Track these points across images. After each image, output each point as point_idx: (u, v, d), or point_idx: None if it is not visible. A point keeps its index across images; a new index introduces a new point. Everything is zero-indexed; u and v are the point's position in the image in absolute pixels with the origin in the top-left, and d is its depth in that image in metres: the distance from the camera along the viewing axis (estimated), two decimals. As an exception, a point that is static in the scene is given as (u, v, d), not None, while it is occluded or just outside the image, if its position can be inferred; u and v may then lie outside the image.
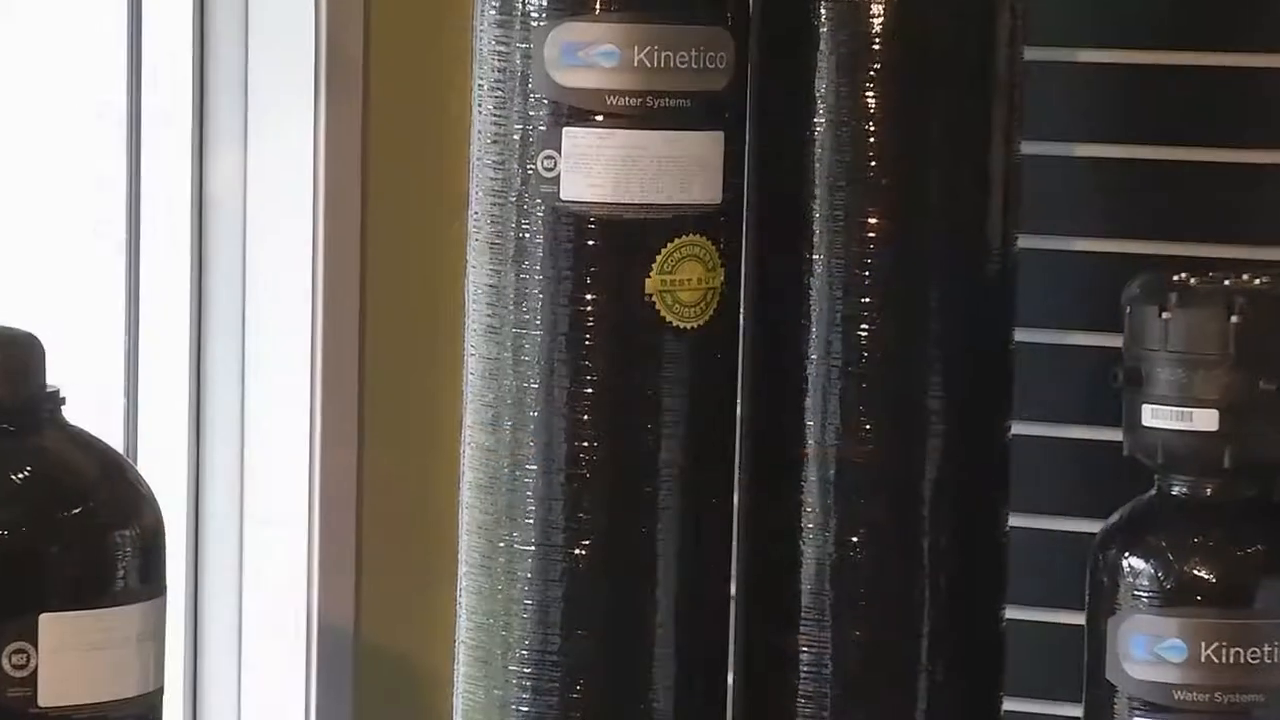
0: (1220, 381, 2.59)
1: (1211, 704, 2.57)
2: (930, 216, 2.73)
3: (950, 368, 2.74)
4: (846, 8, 2.70)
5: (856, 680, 2.73)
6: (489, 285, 2.67)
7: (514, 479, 2.66)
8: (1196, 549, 2.60)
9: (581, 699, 2.65)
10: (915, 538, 2.73)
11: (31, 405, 2.24)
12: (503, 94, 2.65)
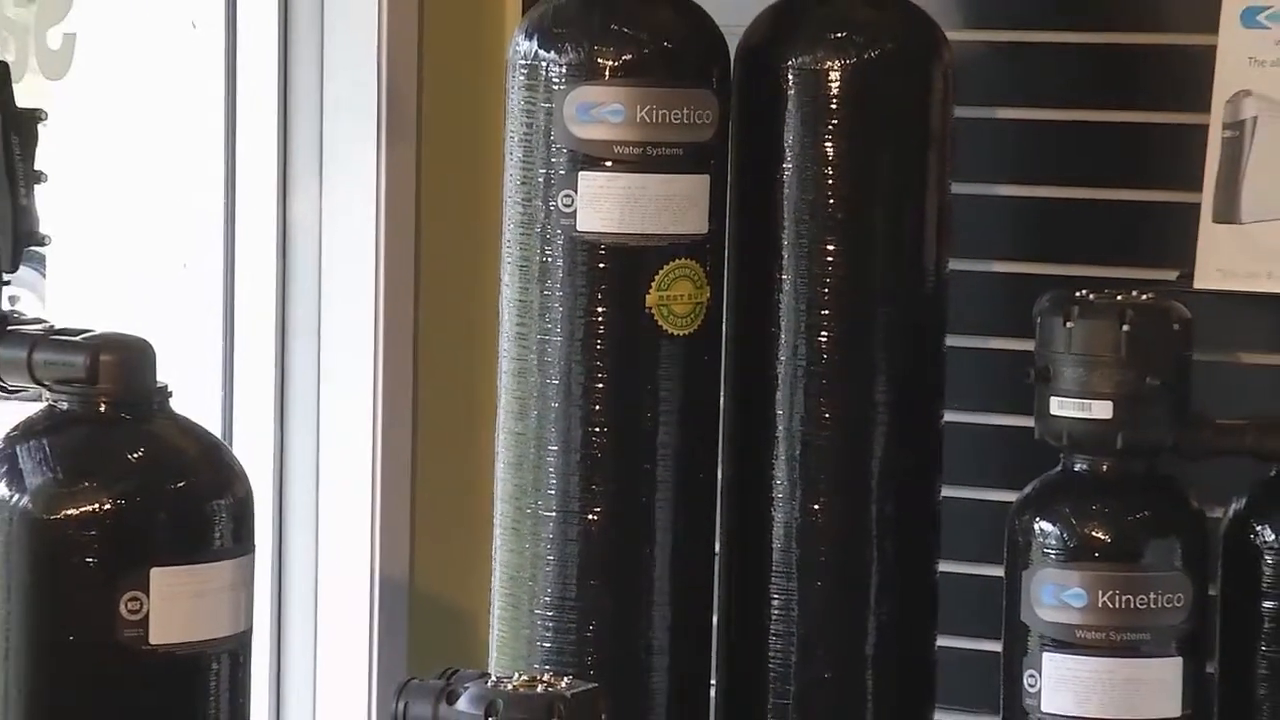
0: (1113, 378, 2.58)
1: (1107, 641, 2.56)
2: (877, 245, 2.73)
3: (893, 368, 2.73)
4: (809, 76, 2.69)
5: (817, 621, 2.73)
6: (518, 300, 2.67)
7: (539, 458, 2.67)
8: (1094, 515, 2.58)
9: (594, 637, 2.66)
10: (865, 505, 2.73)
11: (144, 398, 2.24)
12: (529, 144, 2.65)
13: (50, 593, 2.19)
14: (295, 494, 3.03)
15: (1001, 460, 2.79)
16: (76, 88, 2.79)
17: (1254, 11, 2.80)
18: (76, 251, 2.82)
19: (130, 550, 2.18)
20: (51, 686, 2.20)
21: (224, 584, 2.23)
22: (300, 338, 3.03)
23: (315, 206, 3.02)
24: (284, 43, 3.00)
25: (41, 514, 2.18)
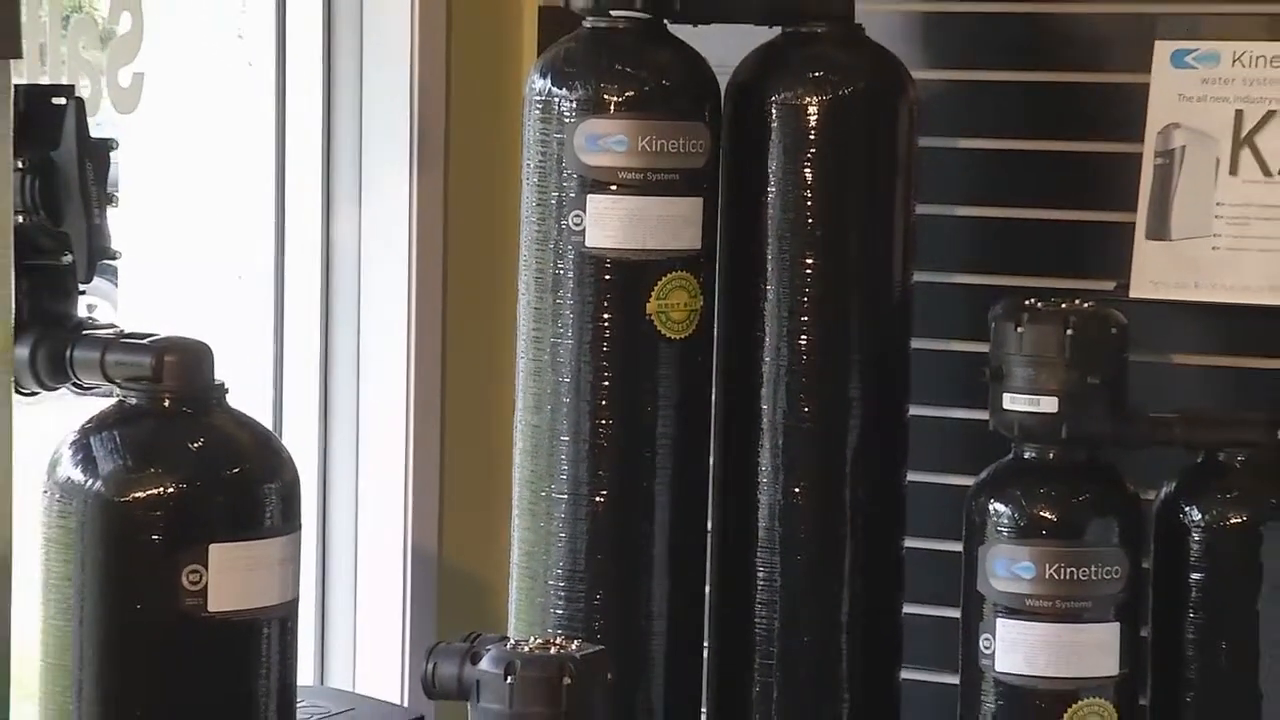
0: (1059, 377, 2.58)
1: (1053, 608, 2.57)
2: (850, 260, 2.73)
3: (865, 367, 2.73)
4: (790, 110, 2.69)
5: (798, 591, 2.72)
6: (534, 308, 2.67)
7: (552, 447, 2.66)
8: (1042, 497, 2.58)
9: (600, 605, 2.66)
10: (839, 489, 2.73)
11: (203, 394, 2.23)
12: (544, 170, 2.65)
13: (119, 567, 2.18)
14: (337, 479, 3.02)
15: (960, 449, 2.79)
16: (144, 120, 2.78)
17: (1182, 54, 2.80)
18: (144, 264, 2.81)
19: (191, 529, 2.17)
20: (120, 650, 2.19)
21: (274, 558, 2.22)
22: (342, 341, 3.03)
23: (355, 226, 3.01)
24: (327, 81, 3.00)
25: (112, 497, 2.18)
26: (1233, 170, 2.78)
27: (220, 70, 2.98)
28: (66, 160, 2.26)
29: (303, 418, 3.01)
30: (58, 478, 2.21)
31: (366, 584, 3.02)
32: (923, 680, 2.78)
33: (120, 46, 2.75)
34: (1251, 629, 2.61)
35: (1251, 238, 2.77)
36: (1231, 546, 2.62)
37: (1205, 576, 2.61)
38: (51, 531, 2.21)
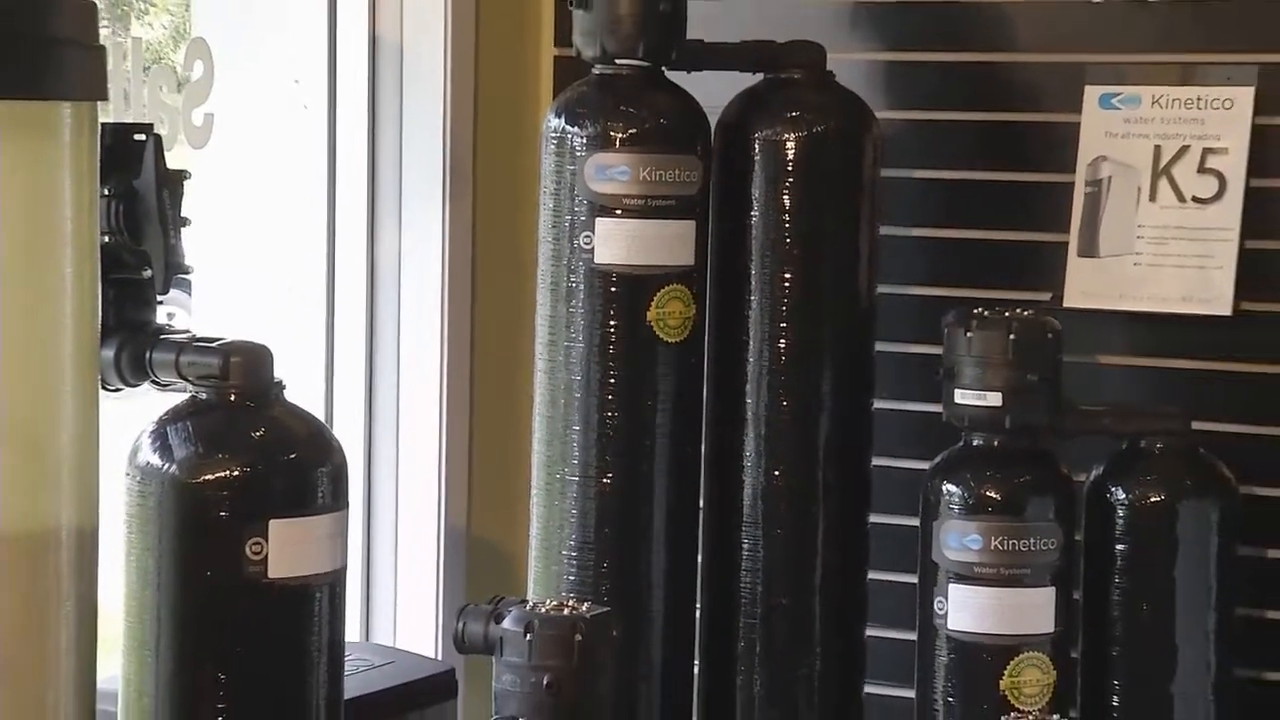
0: (1003, 375, 2.58)
1: (998, 575, 2.57)
2: (823, 273, 2.72)
3: (836, 367, 2.73)
4: (771, 145, 2.69)
5: (777, 560, 2.72)
6: (549, 316, 2.66)
7: (565, 435, 2.66)
8: (988, 479, 2.58)
9: (607, 573, 2.65)
10: (813, 472, 2.72)
11: (264, 390, 2.23)
12: (558, 197, 2.64)
13: (191, 540, 2.18)
14: (380, 463, 3.02)
15: (917, 437, 2.78)
16: (214, 154, 2.78)
17: (1109, 97, 2.81)
18: (214, 278, 2.81)
19: (253, 507, 2.17)
20: (191, 612, 2.19)
21: (325, 532, 2.22)
22: (384, 344, 3.02)
23: (395, 245, 3.01)
24: (372, 121, 2.99)
25: (185, 479, 2.18)
26: (1152, 197, 2.79)
27: (279, 112, 2.98)
28: (146, 188, 2.27)
29: (350, 410, 3.00)
30: (138, 463, 2.21)
31: (405, 554, 3.01)
32: (885, 637, 2.78)
33: (193, 91, 2.76)
34: (1168, 592, 2.62)
35: (1168, 255, 2.77)
36: (1151, 521, 2.62)
37: (1129, 547, 2.62)
38: (133, 509, 2.21)
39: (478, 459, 3.03)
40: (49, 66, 2.02)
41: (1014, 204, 2.87)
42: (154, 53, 2.84)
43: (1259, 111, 2.73)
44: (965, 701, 2.57)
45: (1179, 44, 2.78)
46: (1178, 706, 2.61)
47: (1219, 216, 2.75)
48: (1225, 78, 2.75)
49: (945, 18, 2.90)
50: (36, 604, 2.05)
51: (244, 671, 2.19)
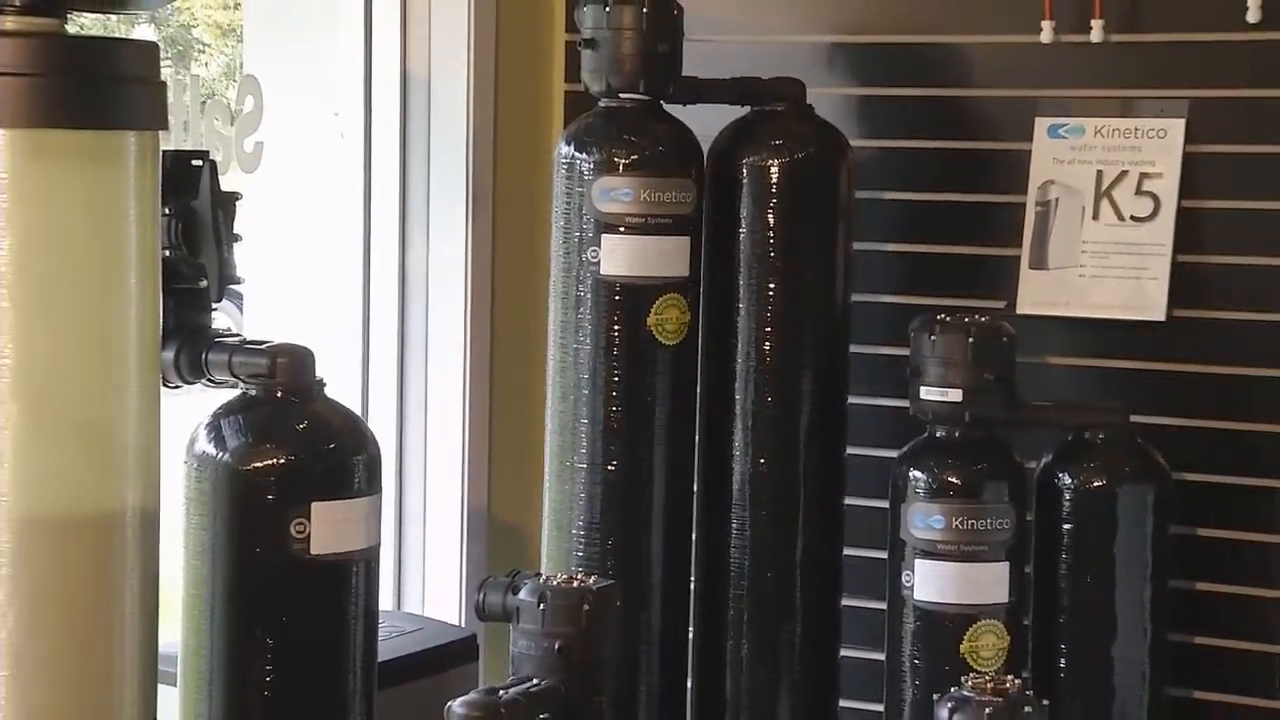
0: (963, 374, 2.57)
1: (958, 551, 2.56)
2: (803, 284, 2.71)
3: (815, 367, 2.71)
4: (757, 170, 2.68)
5: (763, 538, 2.71)
6: (560, 321, 2.66)
7: (575, 427, 2.65)
8: (950, 466, 2.58)
9: (612, 550, 2.64)
10: (795, 460, 2.71)
11: (307, 387, 2.23)
12: (568, 215, 2.63)
13: (242, 520, 2.19)
14: (410, 452, 3.01)
15: (887, 429, 2.77)
16: (263, 178, 2.78)
17: (1056, 128, 2.82)
18: (262, 288, 2.80)
19: (297, 490, 2.17)
20: (242, 584, 2.20)
21: (361, 513, 2.22)
22: (413, 347, 3.01)
23: (424, 258, 3.00)
24: (403, 148, 2.99)
25: (237, 466, 2.18)
26: (1095, 216, 2.79)
27: (320, 140, 2.98)
28: (203, 208, 2.27)
29: (383, 405, 3.00)
30: (195, 451, 2.22)
31: (432, 533, 3.00)
32: (858, 606, 2.77)
33: (245, 122, 2.76)
34: (1109, 567, 2.61)
35: (1109, 268, 2.77)
36: (1094, 504, 2.61)
37: (1074, 527, 2.61)
38: (190, 493, 2.21)
39: (496, 448, 3.03)
40: (116, 100, 2.03)
41: (972, 222, 2.86)
42: (210, 89, 2.84)
43: (1189, 140, 2.73)
44: (929, 664, 2.57)
45: (1118, 81, 2.78)
46: (1117, 668, 2.61)
47: (1154, 233, 2.75)
48: (1159, 110, 2.75)
49: (912, 57, 2.90)
50: (106, 577, 2.05)
51: (289, 637, 2.20)
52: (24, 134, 1.96)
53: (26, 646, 1.99)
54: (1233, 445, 2.71)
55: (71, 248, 2.00)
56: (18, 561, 1.98)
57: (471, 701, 2.13)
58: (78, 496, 2.02)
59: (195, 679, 2.22)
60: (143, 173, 2.05)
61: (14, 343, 1.96)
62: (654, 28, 2.62)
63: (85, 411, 2.03)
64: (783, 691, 2.72)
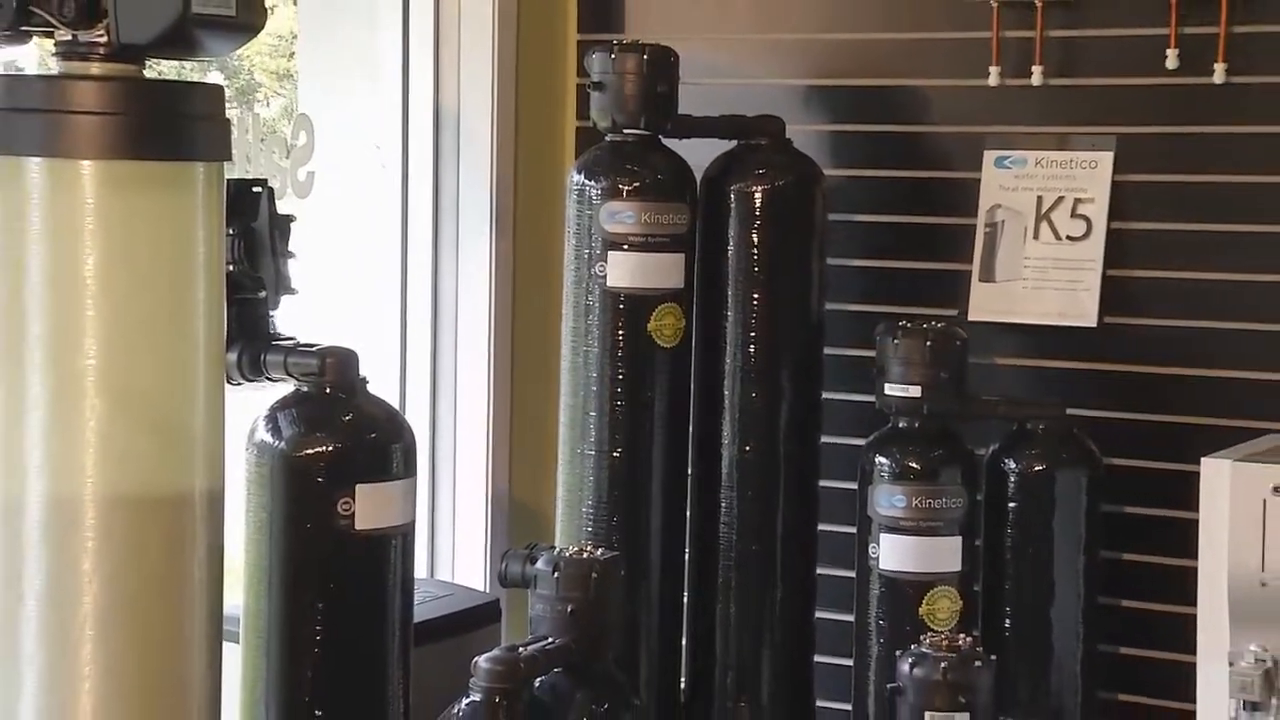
0: (921, 373, 2.57)
1: (918, 527, 2.55)
2: (783, 294, 2.69)
3: (794, 366, 2.71)
4: (743, 195, 2.67)
5: (748, 516, 2.70)
6: (572, 326, 2.65)
7: (584, 419, 2.64)
8: (910, 452, 2.57)
9: (618, 525, 2.63)
10: (776, 447, 2.70)
11: (352, 384, 2.23)
12: (579, 235, 2.63)
13: (296, 499, 2.18)
14: (441, 441, 3.00)
15: (856, 420, 2.77)
16: (314, 203, 2.78)
17: (1002, 159, 2.82)
18: (314, 297, 2.80)
19: (343, 474, 2.17)
20: (296, 555, 2.20)
21: (399, 494, 2.22)
22: (445, 349, 3.01)
23: (454, 273, 3.00)
24: (436, 177, 2.98)
25: (291, 453, 2.18)
26: (1035, 236, 2.78)
27: (364, 170, 2.98)
28: (261, 228, 2.27)
29: (418, 399, 2.99)
30: (255, 440, 2.21)
31: (461, 511, 3.00)
32: (831, 574, 2.77)
33: (299, 154, 2.76)
34: (1048, 540, 2.60)
35: (1047, 280, 2.77)
36: (1035, 485, 2.61)
37: (1018, 505, 2.61)
38: (250, 476, 2.21)
39: (516, 437, 3.02)
40: (187, 136, 2.03)
41: (930, 241, 2.86)
42: (269, 126, 2.83)
43: (1116, 170, 2.73)
44: (893, 624, 2.56)
45: (1055, 119, 2.77)
46: (1055, 628, 2.60)
47: (1086, 251, 2.74)
48: (1091, 144, 2.75)
49: (877, 98, 2.89)
50: (177, 550, 2.05)
51: (336, 602, 2.20)
52: (107, 165, 1.97)
53: (109, 609, 2.00)
54: (1155, 434, 2.70)
55: (147, 263, 2.00)
56: (101, 535, 1.99)
57: (495, 657, 2.13)
58: (153, 479, 2.02)
59: (255, 638, 2.22)
60: (209, 198, 2.05)
61: (98, 345, 1.97)
62: (653, 72, 2.62)
63: (160, 405, 2.03)
64: (765, 648, 2.72)
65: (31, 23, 1.97)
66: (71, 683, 2.00)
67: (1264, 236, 2.64)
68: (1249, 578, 2.32)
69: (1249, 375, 2.65)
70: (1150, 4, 2.65)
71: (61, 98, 1.96)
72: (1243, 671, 2.30)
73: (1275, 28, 2.60)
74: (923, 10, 2.82)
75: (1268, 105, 2.62)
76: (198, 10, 1.94)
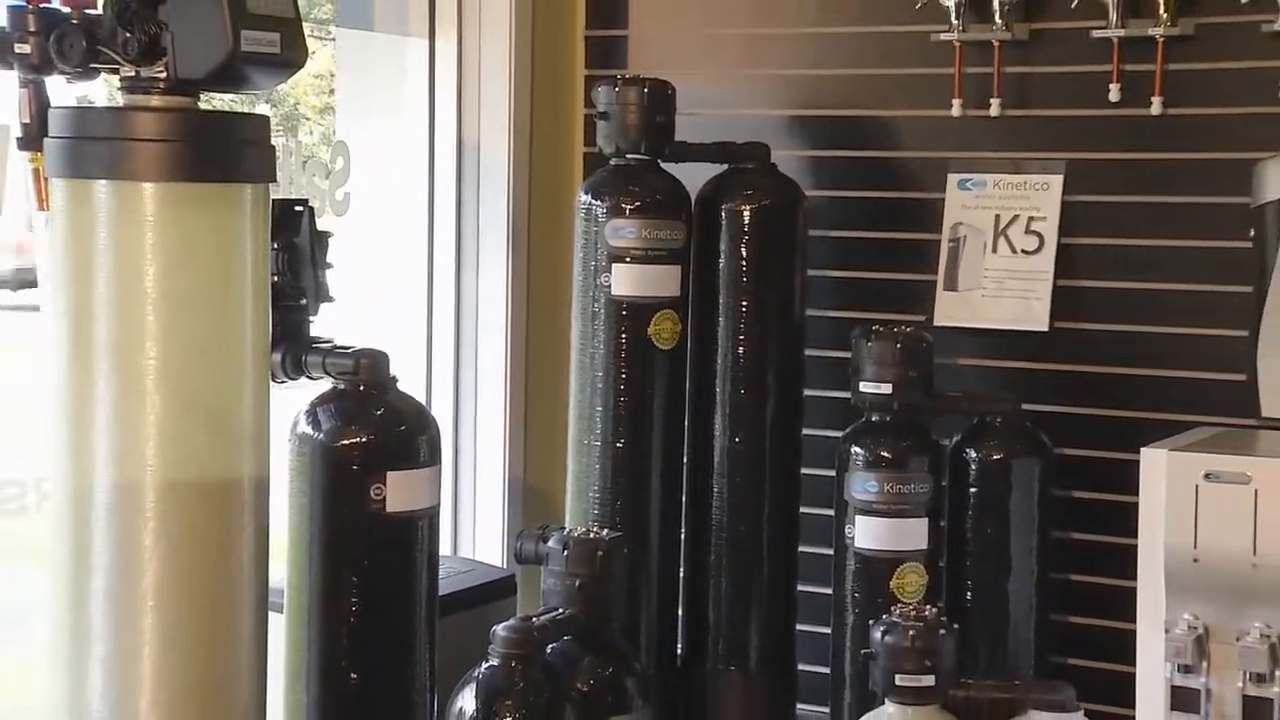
0: (892, 372, 2.56)
1: (889, 509, 2.54)
2: (769, 301, 2.69)
3: (778, 366, 2.70)
4: (733, 213, 2.67)
5: (737, 499, 2.70)
6: (580, 330, 2.64)
7: (591, 413, 2.64)
8: (882, 443, 2.56)
9: (622, 505, 2.62)
10: (762, 438, 2.69)
11: (384, 382, 2.22)
12: (586, 248, 2.63)
13: (333, 485, 2.18)
14: (463, 433, 2.99)
15: (834, 415, 2.76)
16: (350, 221, 2.78)
17: (964, 181, 2.81)
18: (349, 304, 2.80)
19: (375, 462, 2.17)
20: (333, 535, 2.20)
21: (425, 480, 2.22)
22: (466, 351, 2.99)
23: (474, 283, 2.99)
24: (458, 197, 2.98)
25: (329, 443, 2.18)
26: (994, 250, 2.78)
27: (396, 191, 2.97)
28: (303, 243, 2.27)
29: (442, 396, 2.99)
30: (297, 432, 2.21)
31: (480, 495, 3.00)
32: (811, 552, 2.76)
33: (336, 177, 2.77)
34: (1005, 521, 2.59)
35: (1005, 290, 2.77)
36: (993, 473, 2.60)
37: (978, 490, 2.60)
38: (293, 464, 2.21)
39: (530, 429, 3.01)
40: (237, 160, 2.04)
41: (900, 254, 2.85)
42: (310, 151, 2.83)
43: (1066, 192, 2.72)
44: (866, 597, 2.56)
45: (1011, 146, 2.77)
46: (1011, 599, 2.60)
47: (1039, 263, 2.74)
48: (1042, 169, 2.74)
49: (853, 127, 2.89)
50: (228, 530, 2.06)
51: (369, 576, 2.20)
52: (166, 186, 1.98)
53: (167, 582, 2.01)
54: (1100, 427, 2.70)
55: (201, 274, 2.01)
56: (160, 517, 2.00)
57: (511, 626, 2.13)
58: (206, 467, 2.03)
59: (297, 608, 2.22)
60: (257, 216, 2.06)
61: (157, 347, 1.98)
62: (652, 104, 2.62)
63: (212, 401, 2.03)
64: (753, 618, 2.71)
65: (99, 60, 1.99)
66: (134, 647, 2.01)
67: (1197, 251, 2.64)
68: (1183, 554, 2.32)
69: (1184, 374, 2.65)
70: (1095, 44, 2.66)
71: (125, 127, 1.98)
72: (1177, 638, 2.31)
73: (1205, 66, 2.61)
74: (893, 49, 2.82)
75: (1198, 135, 2.62)
76: (246, 49, 1.96)
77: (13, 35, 1.98)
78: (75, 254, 1.98)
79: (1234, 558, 2.28)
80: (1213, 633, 2.30)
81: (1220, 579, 2.30)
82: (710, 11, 2.95)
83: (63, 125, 1.99)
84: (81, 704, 2.01)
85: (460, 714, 2.09)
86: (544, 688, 2.10)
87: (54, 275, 2.00)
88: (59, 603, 2.02)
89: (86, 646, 2.01)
